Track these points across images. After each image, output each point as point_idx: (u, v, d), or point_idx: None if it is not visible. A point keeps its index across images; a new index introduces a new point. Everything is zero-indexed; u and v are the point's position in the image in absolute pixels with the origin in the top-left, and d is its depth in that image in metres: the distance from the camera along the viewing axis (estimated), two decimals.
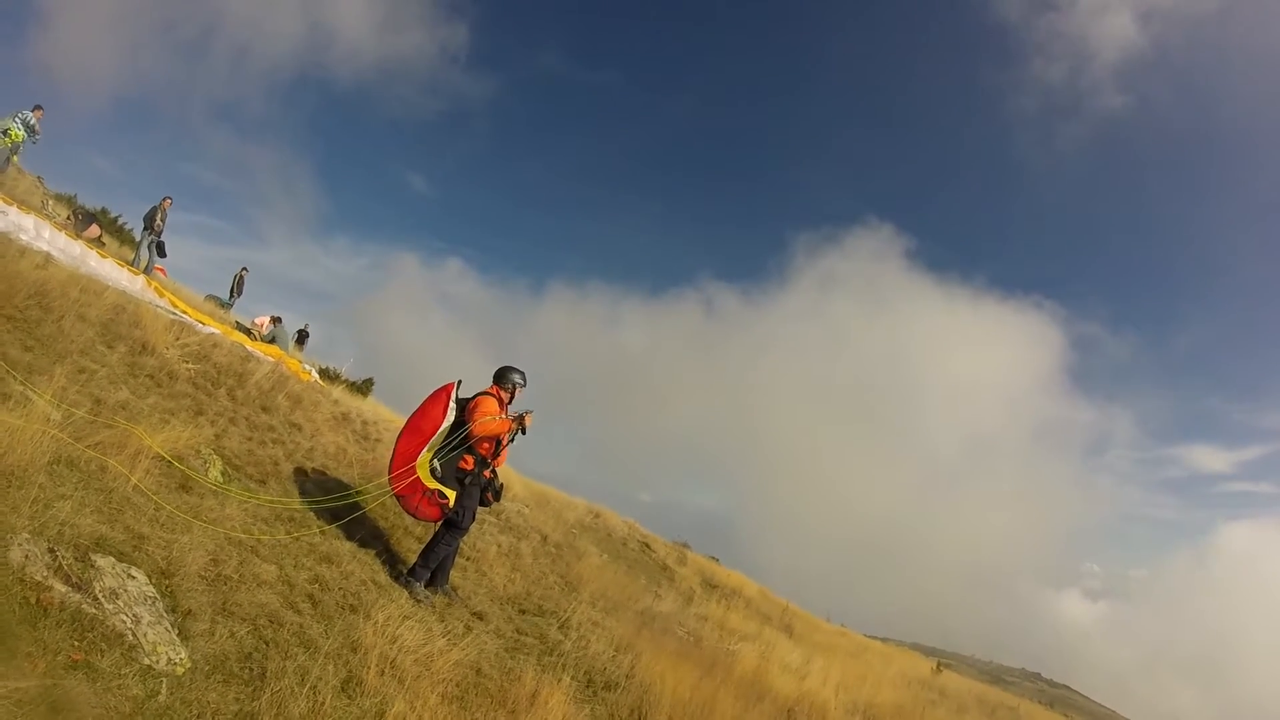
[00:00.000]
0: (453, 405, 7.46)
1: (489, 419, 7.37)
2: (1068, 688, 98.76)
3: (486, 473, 7.57)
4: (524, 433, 7.81)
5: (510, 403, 7.72)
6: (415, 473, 7.28)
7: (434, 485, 7.24)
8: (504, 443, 7.63)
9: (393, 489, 7.44)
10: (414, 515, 7.57)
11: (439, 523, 7.42)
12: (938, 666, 28.82)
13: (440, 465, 7.36)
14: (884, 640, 38.75)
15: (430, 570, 7.33)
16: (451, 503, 7.29)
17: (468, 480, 7.47)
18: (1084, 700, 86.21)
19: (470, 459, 7.48)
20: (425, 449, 7.37)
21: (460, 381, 7.63)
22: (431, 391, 7.61)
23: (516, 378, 7.78)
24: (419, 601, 6.90)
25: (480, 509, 8.00)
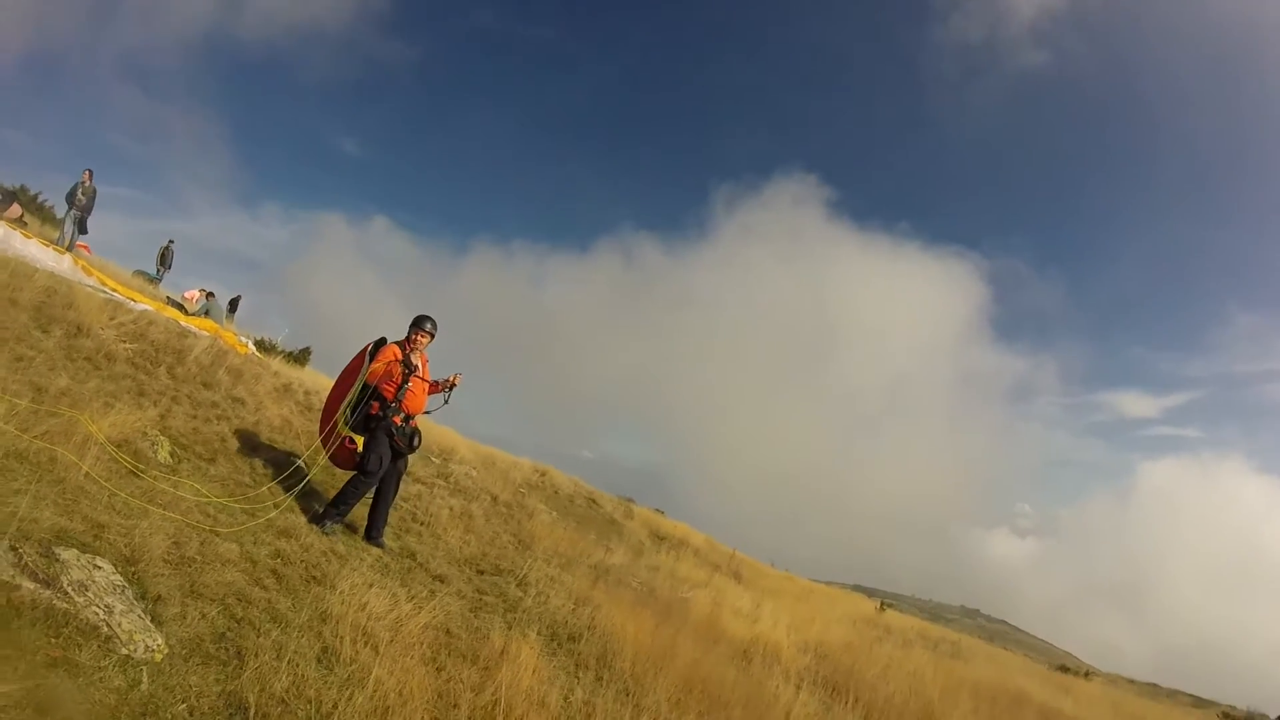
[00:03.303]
0: (367, 358, 7.82)
1: (378, 364, 7.66)
2: (1005, 622, 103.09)
3: (396, 418, 7.70)
4: (450, 393, 8.11)
5: (414, 348, 7.85)
6: (335, 422, 7.82)
7: (347, 432, 7.80)
8: (411, 388, 7.77)
9: (322, 441, 8.05)
10: (334, 464, 8.20)
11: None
12: (881, 606, 29.79)
13: (353, 415, 7.75)
14: (828, 584, 39.81)
15: (341, 515, 7.59)
16: (360, 448, 7.78)
17: (374, 425, 7.70)
18: (1021, 634, 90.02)
19: (376, 405, 7.71)
20: (345, 400, 7.84)
21: (384, 339, 7.91)
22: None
23: (419, 324, 7.90)
24: (325, 535, 7.17)
25: (423, 470, 8.12)
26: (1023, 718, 12.24)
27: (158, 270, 25.13)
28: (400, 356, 7.69)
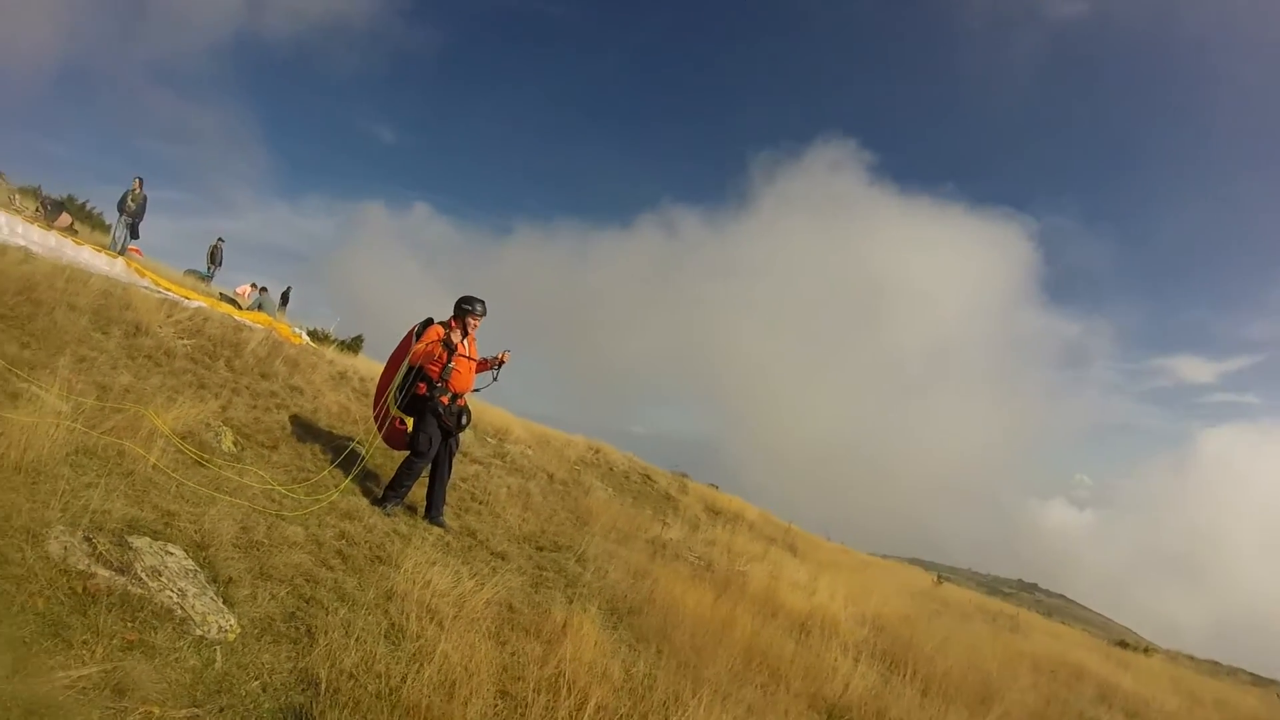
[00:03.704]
0: (413, 339, 7.94)
1: (420, 345, 7.77)
2: (1063, 597, 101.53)
3: (443, 399, 7.77)
4: (498, 370, 8.24)
5: (464, 330, 7.91)
6: (388, 405, 7.96)
7: (397, 413, 7.97)
8: (457, 368, 7.81)
9: (376, 424, 8.22)
10: (387, 444, 8.40)
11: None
12: (938, 579, 29.47)
13: (402, 396, 7.88)
14: (883, 557, 39.47)
15: (400, 496, 7.71)
16: (410, 429, 7.94)
17: (422, 406, 7.82)
18: (1079, 609, 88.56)
19: (423, 385, 7.81)
20: (394, 382, 7.98)
21: (430, 320, 8.02)
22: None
23: (467, 306, 7.96)
24: (387, 516, 7.28)
25: (479, 450, 8.24)
26: (1081, 691, 12.07)
27: (208, 269, 25.62)
28: (442, 336, 7.75)
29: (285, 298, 28.43)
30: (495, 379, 8.26)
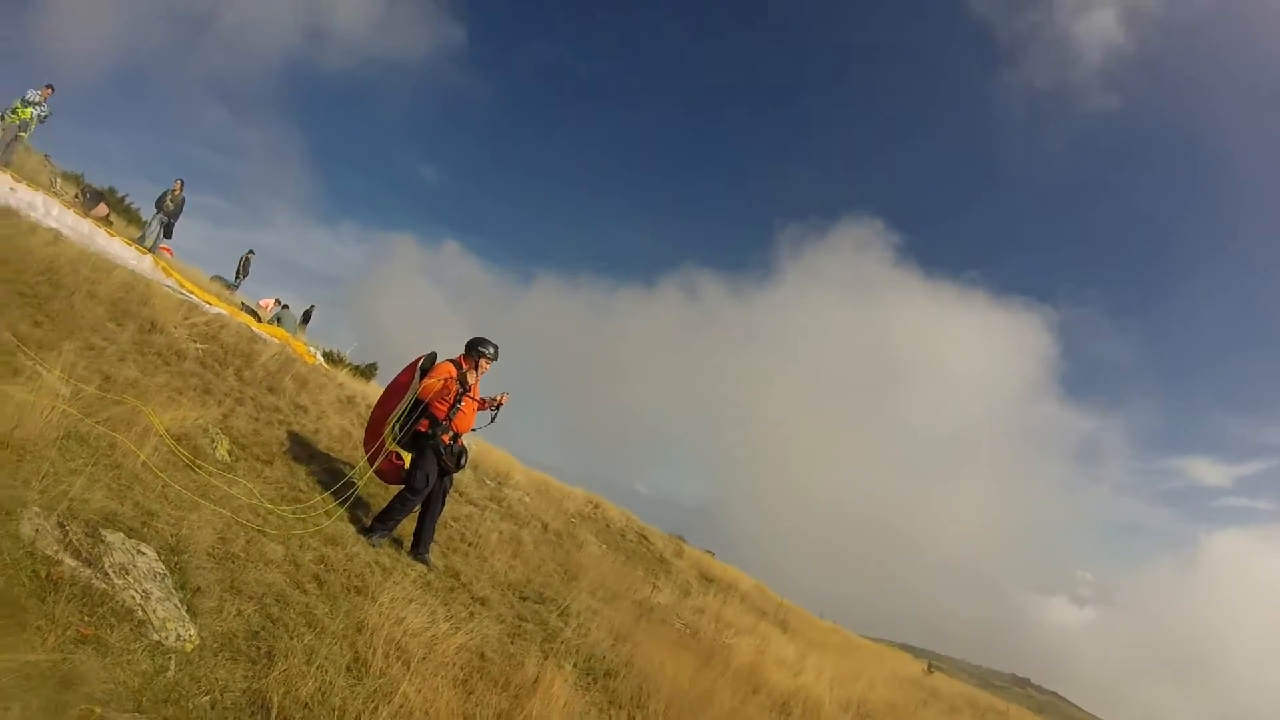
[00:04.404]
0: (418, 373, 7.79)
1: (432, 380, 7.63)
2: (1056, 694, 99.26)
3: (445, 437, 7.65)
4: (496, 412, 8.09)
5: (476, 371, 7.84)
6: (383, 437, 7.78)
7: (394, 447, 7.77)
8: (462, 408, 7.73)
9: (367, 456, 8.01)
10: (379, 478, 8.21)
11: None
12: (929, 668, 28.93)
13: (402, 430, 7.70)
14: (874, 640, 38.83)
15: (388, 529, 7.55)
16: (407, 464, 7.79)
17: (423, 443, 7.67)
18: (1072, 708, 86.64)
19: (426, 422, 7.68)
20: (393, 415, 7.78)
21: (434, 355, 7.90)
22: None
23: (482, 348, 7.89)
24: (373, 547, 7.13)
25: (476, 491, 8.09)
26: None
27: (236, 278, 25.82)
28: (456, 375, 7.68)
29: (307, 316, 28.62)
30: (493, 420, 8.16)
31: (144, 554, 4.22)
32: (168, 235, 20.10)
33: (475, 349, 7.87)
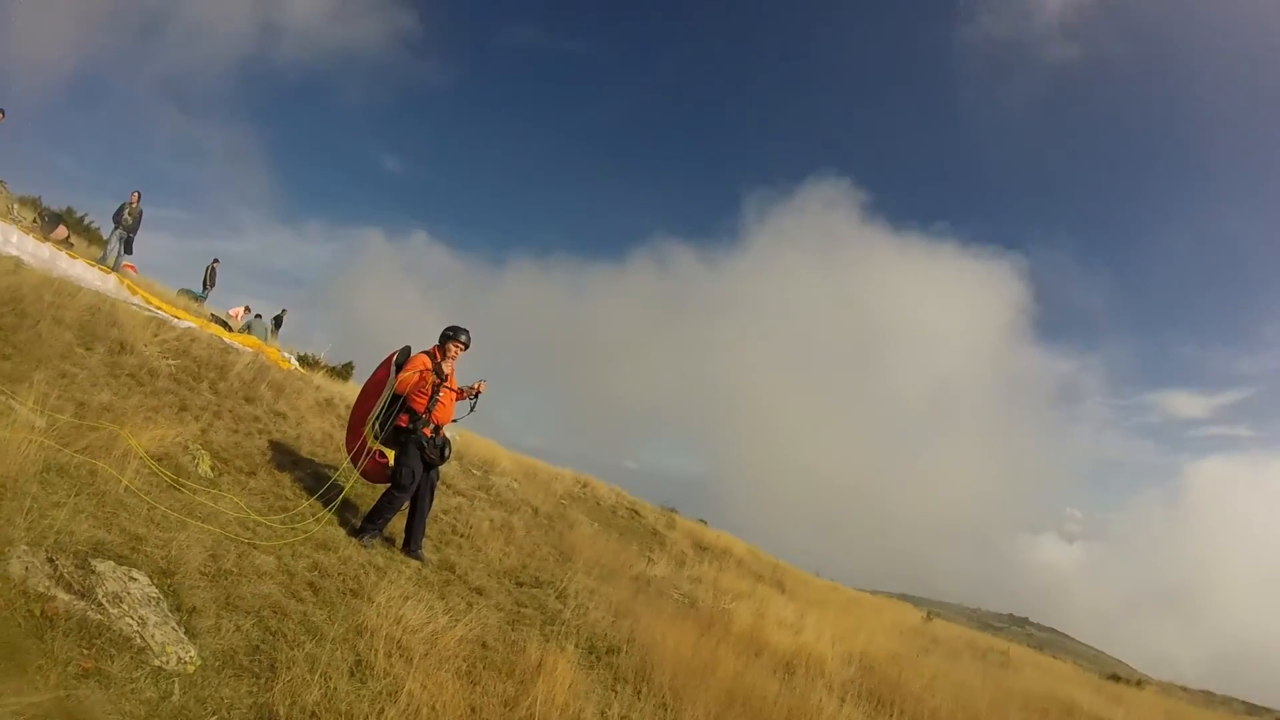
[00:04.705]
0: (393, 368, 7.77)
1: (408, 374, 7.62)
2: (1054, 630, 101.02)
3: (426, 430, 7.67)
4: (476, 401, 8.13)
5: (446, 359, 7.83)
6: (365, 436, 7.76)
7: (376, 446, 7.75)
8: (440, 399, 7.74)
9: (350, 457, 7.97)
10: (365, 478, 8.16)
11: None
12: (928, 615, 29.37)
13: (382, 427, 7.71)
14: (873, 593, 39.29)
15: (378, 528, 7.56)
16: (391, 461, 7.80)
17: (404, 438, 7.68)
18: (1071, 642, 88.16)
19: (405, 417, 7.69)
20: (372, 413, 7.77)
21: (409, 348, 7.90)
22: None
23: (451, 335, 7.87)
24: (365, 548, 7.14)
25: (464, 482, 8.10)
26: None
27: (203, 289, 25.55)
28: (431, 366, 7.67)
29: (279, 321, 28.42)
30: (472, 409, 8.18)
31: (136, 580, 4.22)
32: (128, 250, 19.84)
33: (445, 336, 7.87)
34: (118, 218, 19.62)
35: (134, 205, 19.75)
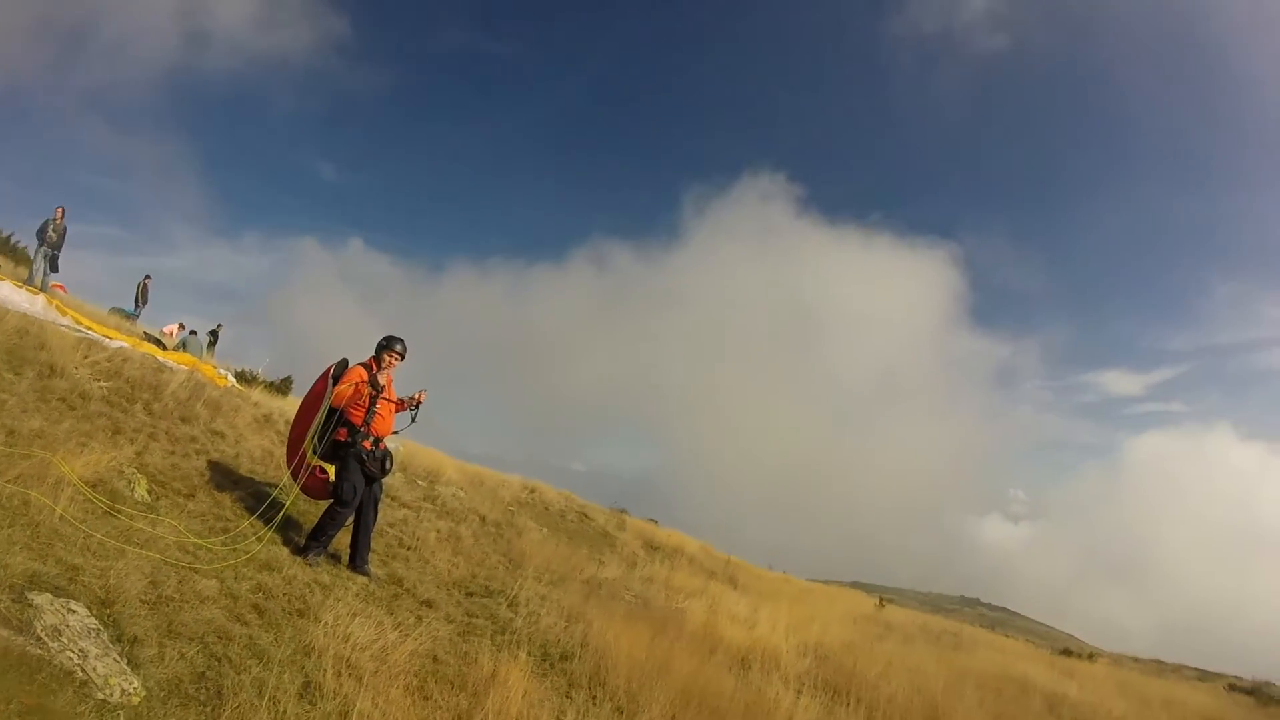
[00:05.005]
0: (330, 381, 7.68)
1: (343, 386, 7.54)
2: (1005, 609, 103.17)
3: (365, 443, 7.59)
4: (416, 411, 8.05)
5: (382, 370, 7.74)
6: (304, 452, 7.64)
7: (316, 461, 7.63)
8: (379, 411, 7.68)
9: (291, 474, 7.86)
10: (307, 494, 7.99)
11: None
12: (880, 602, 29.74)
13: (321, 442, 7.62)
14: (825, 583, 39.75)
15: (323, 545, 7.48)
16: (332, 477, 7.67)
17: (344, 452, 7.60)
18: (1022, 620, 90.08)
19: (344, 430, 7.62)
20: (311, 428, 7.66)
21: (345, 360, 7.83)
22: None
23: (386, 345, 7.79)
24: (310, 566, 7.07)
25: (409, 493, 8.05)
26: (1029, 705, 12.15)
27: (135, 306, 24.98)
28: (366, 378, 7.61)
29: (215, 336, 27.89)
30: (413, 420, 8.12)
31: (75, 611, 4.14)
32: (53, 268, 19.32)
33: (380, 347, 7.79)
34: (41, 235, 19.11)
35: (58, 221, 19.25)
